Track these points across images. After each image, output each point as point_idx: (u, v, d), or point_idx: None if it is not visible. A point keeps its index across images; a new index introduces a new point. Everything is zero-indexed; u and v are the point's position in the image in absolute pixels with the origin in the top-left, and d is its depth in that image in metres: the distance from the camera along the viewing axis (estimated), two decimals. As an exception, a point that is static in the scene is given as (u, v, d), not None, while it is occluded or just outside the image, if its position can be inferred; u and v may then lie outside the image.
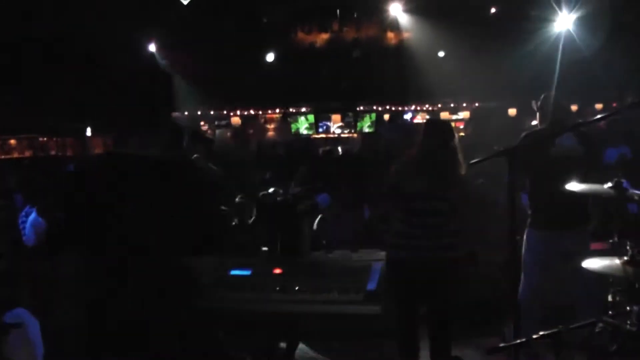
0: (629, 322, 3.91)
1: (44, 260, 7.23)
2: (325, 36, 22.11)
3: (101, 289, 3.06)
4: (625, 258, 3.91)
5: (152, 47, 19.56)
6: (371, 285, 5.01)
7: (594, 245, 6.40)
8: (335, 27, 21.90)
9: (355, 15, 21.39)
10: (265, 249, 6.46)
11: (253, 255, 6.32)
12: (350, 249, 6.78)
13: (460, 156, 5.26)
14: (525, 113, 23.22)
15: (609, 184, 4.19)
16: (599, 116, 4.32)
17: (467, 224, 5.31)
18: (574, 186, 4.78)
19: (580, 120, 8.65)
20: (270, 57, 21.27)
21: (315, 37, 22.03)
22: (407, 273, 5.16)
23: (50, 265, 6.87)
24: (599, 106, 23.46)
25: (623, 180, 4.19)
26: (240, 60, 19.49)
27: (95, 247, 3.03)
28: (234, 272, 5.44)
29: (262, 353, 5.55)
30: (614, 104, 23.19)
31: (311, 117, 25.06)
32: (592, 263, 4.13)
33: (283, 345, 5.78)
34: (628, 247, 3.91)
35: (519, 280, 5.97)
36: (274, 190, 8.04)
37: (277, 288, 5.19)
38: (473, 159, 4.46)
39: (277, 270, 5.41)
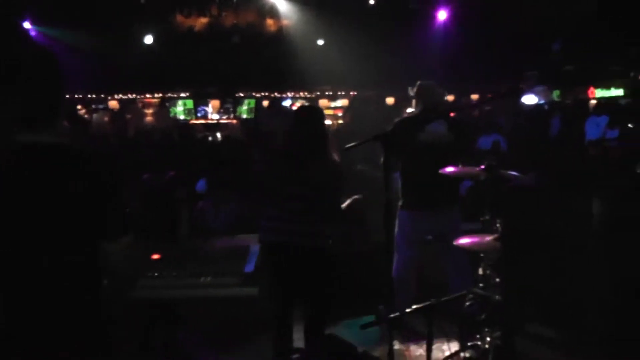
0: (498, 293, 4.17)
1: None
2: (204, 20, 21.83)
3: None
4: (495, 235, 4.15)
5: (26, 25, 18.73)
6: (249, 268, 5.04)
7: (468, 225, 6.72)
8: (215, 11, 21.66)
9: (234, 0, 21.22)
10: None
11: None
12: (230, 235, 6.81)
13: (331, 142, 5.35)
14: (404, 102, 23.83)
15: (482, 166, 4.44)
16: (472, 104, 4.54)
17: (339, 207, 5.39)
18: (449, 169, 5.02)
19: (451, 107, 8.95)
20: (148, 39, 20.84)
21: (194, 21, 21.72)
22: (278, 257, 5.20)
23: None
24: (474, 96, 24.29)
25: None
26: (118, 42, 19.00)
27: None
28: None
29: (139, 341, 5.48)
30: (490, 95, 24.08)
31: (190, 102, 24.66)
32: (465, 240, 4.35)
33: (161, 332, 5.70)
34: (498, 225, 4.14)
35: (393, 259, 6.17)
36: (152, 176, 7.97)
37: (155, 274, 5.16)
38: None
39: (155, 256, 5.37)
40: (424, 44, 21.48)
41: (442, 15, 21.81)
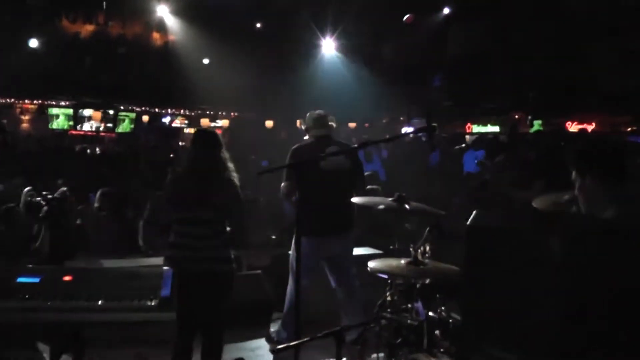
0: (409, 317, 4.27)
1: None
2: (90, 28, 21.29)
3: None
4: (409, 259, 4.23)
5: None
6: (165, 291, 4.91)
7: (360, 250, 6.85)
8: (101, 19, 21.19)
9: (121, 10, 20.85)
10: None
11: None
12: (116, 256, 6.68)
13: (229, 165, 5.34)
14: (281, 125, 24.07)
15: (393, 198, 4.53)
16: (389, 136, 4.62)
17: (237, 230, 5.37)
18: (358, 199, 5.11)
19: (367, 138, 9.16)
20: (33, 43, 20.03)
21: (80, 28, 21.13)
22: (181, 283, 5.12)
23: None
24: (352, 125, 24.72)
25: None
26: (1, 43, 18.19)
27: None
28: (21, 280, 5.10)
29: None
30: (366, 125, 24.63)
31: (69, 112, 23.89)
32: (377, 264, 4.41)
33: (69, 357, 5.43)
34: (411, 249, 4.23)
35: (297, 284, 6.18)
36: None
37: (68, 296, 4.93)
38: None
39: (68, 277, 5.13)
40: (307, 71, 21.75)
41: (328, 46, 21.96)
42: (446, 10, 20.51)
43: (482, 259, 2.61)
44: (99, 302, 4.90)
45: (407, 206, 4.41)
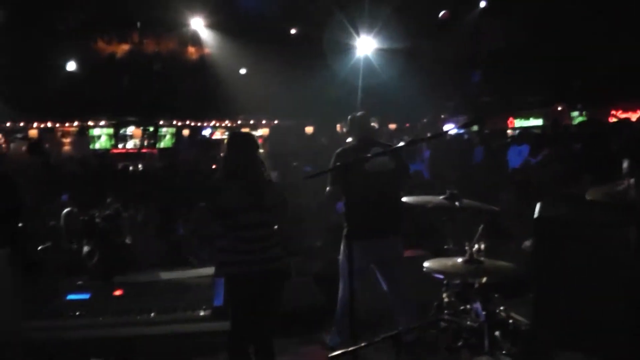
0: (469, 319, 4.14)
1: None
2: (125, 47, 21.44)
3: None
4: (465, 258, 4.09)
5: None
6: (218, 301, 4.86)
7: (409, 252, 6.71)
8: (136, 38, 21.33)
9: (155, 28, 20.95)
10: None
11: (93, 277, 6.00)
12: (163, 268, 6.64)
13: (266, 165, 5.29)
14: (322, 131, 23.99)
15: (444, 195, 4.40)
16: (429, 134, 4.50)
17: (286, 230, 5.31)
18: (407, 198, 4.98)
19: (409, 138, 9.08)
20: (70, 66, 20.21)
21: (115, 48, 21.30)
22: (237, 288, 5.06)
23: None
24: (392, 126, 24.51)
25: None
26: (38, 68, 18.36)
27: None
28: (71, 297, 5.09)
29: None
30: (407, 125, 24.40)
31: (110, 131, 24.17)
32: (433, 264, 4.29)
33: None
34: (467, 248, 4.10)
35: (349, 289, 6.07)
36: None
37: (119, 310, 4.91)
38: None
39: (118, 292, 5.10)
40: (344, 74, 21.60)
41: (364, 48, 21.64)
42: (482, 4, 20.19)
43: (552, 253, 2.47)
44: (151, 315, 4.86)
45: (457, 203, 4.29)
